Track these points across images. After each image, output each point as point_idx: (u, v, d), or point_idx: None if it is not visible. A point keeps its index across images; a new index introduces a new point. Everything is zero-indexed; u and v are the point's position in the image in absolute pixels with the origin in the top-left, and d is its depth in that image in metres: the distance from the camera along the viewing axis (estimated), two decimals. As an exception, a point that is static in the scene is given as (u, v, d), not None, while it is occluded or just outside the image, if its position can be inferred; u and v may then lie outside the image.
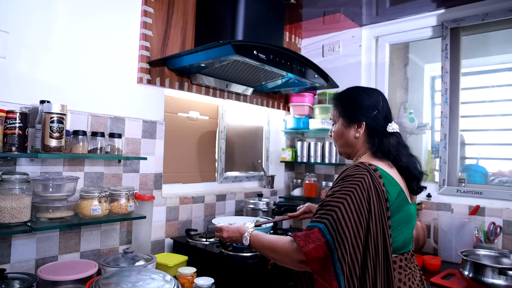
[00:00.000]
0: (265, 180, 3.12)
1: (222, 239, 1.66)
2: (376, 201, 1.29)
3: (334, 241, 1.22)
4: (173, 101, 2.52)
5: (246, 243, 1.51)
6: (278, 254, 1.38)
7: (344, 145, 1.57)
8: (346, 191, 1.29)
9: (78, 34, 1.88)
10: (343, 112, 1.55)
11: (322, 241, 1.22)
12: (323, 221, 1.25)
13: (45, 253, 1.76)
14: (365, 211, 1.26)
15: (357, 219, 1.25)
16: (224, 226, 1.66)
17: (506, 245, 2.36)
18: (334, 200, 1.29)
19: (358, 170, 1.35)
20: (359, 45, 3.07)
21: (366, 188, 1.29)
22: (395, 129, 1.49)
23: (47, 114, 1.58)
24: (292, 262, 1.33)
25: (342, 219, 1.24)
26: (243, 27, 2.23)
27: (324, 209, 1.29)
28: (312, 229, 1.26)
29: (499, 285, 1.81)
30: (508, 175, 2.66)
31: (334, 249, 1.21)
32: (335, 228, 1.23)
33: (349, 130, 1.53)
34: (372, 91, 1.55)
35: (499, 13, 2.49)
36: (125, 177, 2.08)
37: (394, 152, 1.45)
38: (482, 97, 2.78)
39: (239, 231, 1.58)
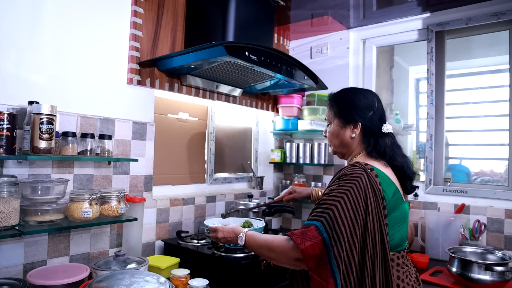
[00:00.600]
0: (254, 181, 3.12)
1: (217, 240, 1.66)
2: (373, 199, 1.31)
3: (331, 238, 1.23)
4: (163, 102, 2.50)
5: (242, 243, 1.52)
6: (274, 253, 1.38)
7: (340, 145, 1.58)
8: (343, 190, 1.31)
9: (66, 34, 1.85)
10: (339, 113, 1.57)
11: (318, 238, 1.24)
12: (319, 219, 1.27)
13: (34, 258, 1.73)
14: (362, 210, 1.28)
15: (354, 217, 1.27)
16: (218, 227, 1.67)
17: (490, 242, 2.42)
18: (331, 199, 1.31)
19: (355, 170, 1.37)
20: (346, 47, 3.10)
21: (363, 187, 1.31)
22: (389, 130, 1.52)
23: (36, 115, 1.56)
24: (289, 260, 1.34)
25: (338, 217, 1.26)
26: (233, 28, 2.24)
27: (321, 207, 1.31)
28: (308, 227, 1.28)
29: (485, 280, 1.86)
30: (489, 175, 2.72)
31: (330, 246, 1.23)
32: (332, 226, 1.24)
33: (345, 130, 1.54)
34: (368, 92, 1.57)
35: (482, 18, 2.55)
36: (115, 179, 2.05)
37: (390, 153, 1.48)
38: (465, 98, 2.84)
39: (234, 231, 1.58)
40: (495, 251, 2.08)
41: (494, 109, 2.69)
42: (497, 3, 2.49)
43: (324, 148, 3.01)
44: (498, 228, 2.40)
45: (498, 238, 2.39)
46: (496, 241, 2.40)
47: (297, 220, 3.25)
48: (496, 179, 2.66)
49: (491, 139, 2.71)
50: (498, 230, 2.39)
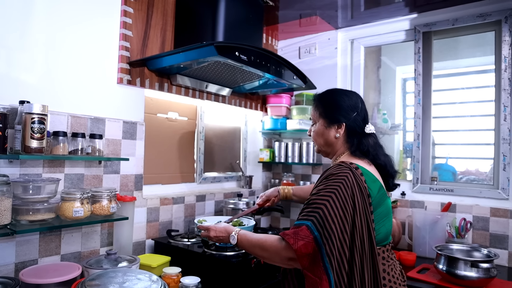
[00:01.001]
0: (243, 181, 3.14)
1: (209, 239, 1.67)
2: (359, 197, 1.35)
3: (322, 237, 1.26)
4: (152, 102, 2.51)
5: (234, 242, 1.53)
6: (267, 252, 1.41)
7: (324, 144, 1.62)
8: (331, 189, 1.35)
9: (57, 33, 1.85)
10: (324, 113, 1.60)
11: (310, 237, 1.27)
12: (310, 219, 1.30)
13: (25, 257, 1.72)
14: (350, 208, 1.32)
15: (343, 215, 1.30)
16: (211, 226, 1.68)
17: (475, 240, 2.47)
18: (320, 198, 1.34)
19: (341, 169, 1.41)
20: (335, 48, 3.14)
21: (349, 186, 1.35)
22: (372, 130, 1.57)
23: (27, 115, 1.55)
24: (282, 260, 1.36)
25: (328, 215, 1.29)
26: (223, 29, 2.25)
27: (310, 207, 1.34)
28: (300, 227, 1.30)
29: (471, 277, 1.91)
30: (475, 174, 2.78)
31: (322, 244, 1.26)
32: (322, 225, 1.27)
33: (329, 130, 1.58)
34: (352, 94, 1.62)
35: (468, 19, 2.61)
36: (105, 179, 2.05)
37: (373, 152, 1.53)
38: (451, 98, 2.89)
39: (226, 230, 1.60)
40: (481, 248, 2.13)
41: (480, 109, 2.75)
42: (483, 5, 2.55)
43: (312, 148, 3.04)
44: (483, 226, 2.45)
45: (483, 236, 2.45)
46: (482, 239, 2.45)
47: (285, 219, 3.28)
48: (482, 178, 2.72)
49: (477, 138, 2.77)
50: (484, 228, 2.45)
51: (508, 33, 2.47)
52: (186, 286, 1.64)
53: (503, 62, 2.49)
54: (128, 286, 1.38)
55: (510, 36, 2.47)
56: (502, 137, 2.47)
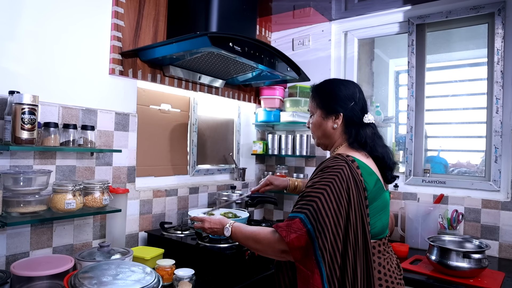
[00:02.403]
0: (237, 173, 3.13)
1: (203, 230, 1.67)
2: (355, 190, 1.34)
3: (315, 230, 1.26)
4: (145, 93, 2.48)
5: (228, 234, 1.53)
6: (260, 244, 1.41)
7: (322, 136, 1.61)
8: (325, 182, 1.33)
9: (47, 23, 1.81)
10: (321, 104, 1.58)
11: (303, 230, 1.26)
12: (303, 211, 1.29)
13: (16, 249, 1.70)
14: (344, 201, 1.31)
15: (337, 208, 1.29)
16: (205, 217, 1.68)
17: (467, 231, 2.50)
18: (314, 191, 1.33)
19: (337, 162, 1.39)
20: (328, 39, 3.12)
21: (345, 179, 1.34)
22: (371, 120, 1.55)
23: (18, 105, 1.53)
24: (275, 252, 1.36)
25: (322, 209, 1.28)
26: (216, 19, 2.23)
27: (304, 200, 1.33)
28: (293, 219, 1.30)
29: (463, 268, 1.92)
30: (466, 166, 2.80)
31: (315, 237, 1.25)
32: (316, 218, 1.27)
33: (327, 121, 1.56)
34: (349, 83, 1.60)
35: (462, 11, 2.61)
36: (98, 171, 2.03)
37: (371, 143, 1.51)
38: (444, 91, 2.90)
39: (221, 222, 1.59)
40: (472, 239, 2.15)
41: (472, 102, 2.76)
42: (476, -3, 2.55)
43: (306, 140, 3.04)
44: (475, 217, 2.47)
45: (475, 227, 2.47)
46: (473, 230, 2.48)
47: (279, 211, 3.28)
48: (473, 170, 2.74)
49: (469, 131, 2.78)
50: (475, 219, 2.47)
51: (501, 25, 2.48)
52: (180, 278, 1.64)
53: (496, 54, 2.50)
54: (122, 278, 1.37)
55: (503, 29, 2.47)
56: (494, 129, 2.48)
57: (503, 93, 2.46)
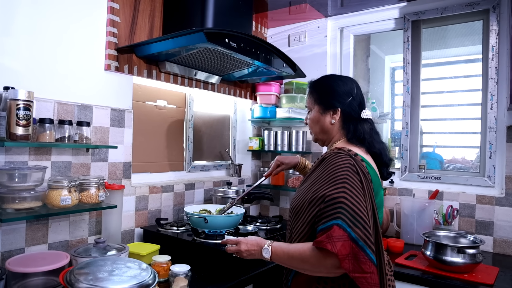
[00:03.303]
0: (233, 169, 3.13)
1: (238, 253, 1.54)
2: (365, 182, 1.33)
3: (354, 231, 1.21)
4: (141, 89, 2.47)
5: (267, 256, 1.43)
6: (308, 264, 1.31)
7: (320, 131, 1.60)
8: (341, 180, 1.31)
9: (42, 18, 1.80)
10: (319, 99, 1.58)
11: (345, 236, 1.20)
12: (336, 216, 1.23)
13: (11, 246, 1.70)
14: (362, 193, 1.30)
15: (361, 201, 1.27)
16: (241, 239, 1.55)
17: (462, 227, 2.51)
18: (335, 192, 1.28)
19: (341, 157, 1.38)
20: (324, 36, 3.12)
21: (356, 172, 1.33)
22: (368, 116, 1.55)
23: (12, 101, 1.52)
24: (327, 269, 1.27)
25: (352, 206, 1.24)
26: (212, 15, 2.22)
27: (329, 205, 1.27)
28: (330, 228, 1.23)
29: (458, 263, 1.93)
30: (461, 162, 2.81)
31: (358, 238, 1.21)
32: (350, 218, 1.22)
33: (325, 116, 1.56)
34: (347, 79, 1.61)
35: (457, 8, 2.61)
36: (93, 167, 2.03)
37: (369, 139, 1.51)
38: (439, 87, 2.91)
39: (258, 243, 1.48)
40: (467, 235, 2.16)
41: (467, 98, 2.77)
42: (471, -6, 2.56)
43: (302, 136, 3.04)
44: (469, 213, 2.49)
45: (469, 223, 2.49)
46: (468, 226, 2.49)
47: (275, 207, 3.29)
48: (468, 166, 2.75)
49: (464, 127, 2.79)
50: (470, 215, 2.49)
51: (495, 22, 2.49)
52: (176, 274, 1.64)
53: (491, 51, 2.50)
54: (118, 274, 1.37)
55: (497, 26, 2.48)
56: (489, 125, 2.49)
57: (497, 89, 2.47)
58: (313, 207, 1.32)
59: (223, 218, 2.05)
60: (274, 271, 2.06)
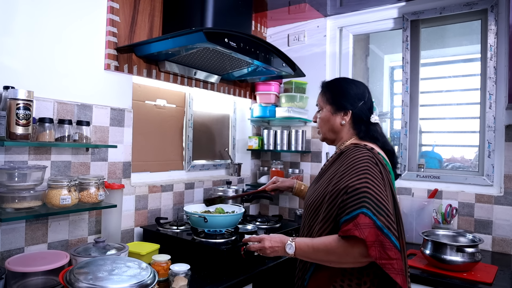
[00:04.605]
0: (232, 168, 3.13)
1: (262, 250, 1.51)
2: (384, 173, 1.38)
3: (379, 219, 1.24)
4: (140, 88, 2.48)
5: (291, 252, 1.42)
6: (335, 255, 1.32)
7: (329, 131, 1.63)
8: (362, 171, 1.35)
9: (42, 17, 1.80)
10: (331, 99, 1.61)
11: (371, 223, 1.24)
12: (361, 205, 1.27)
13: (11, 245, 1.70)
14: (382, 183, 1.34)
15: (382, 190, 1.31)
16: (264, 236, 1.54)
17: (461, 225, 2.52)
18: (358, 183, 1.32)
19: (359, 150, 1.44)
20: (323, 35, 3.13)
21: (375, 163, 1.38)
22: (377, 120, 1.60)
23: (12, 101, 1.52)
24: (355, 258, 1.29)
25: (375, 195, 1.28)
26: (212, 15, 2.22)
27: (353, 195, 1.30)
28: (357, 217, 1.25)
29: (457, 261, 1.94)
30: (460, 161, 2.82)
31: (382, 226, 1.24)
32: (374, 207, 1.26)
33: (335, 117, 1.59)
34: (359, 83, 1.65)
35: (455, 7, 2.62)
36: (93, 166, 2.03)
37: (382, 139, 1.55)
38: (438, 87, 2.92)
39: (281, 239, 1.47)
40: (466, 233, 2.17)
41: (465, 97, 2.78)
42: (469, -6, 2.56)
43: (301, 135, 3.04)
44: (468, 212, 2.50)
45: (468, 222, 2.50)
46: (467, 225, 2.50)
47: (274, 206, 3.29)
48: (467, 165, 2.76)
49: (462, 126, 2.80)
50: (469, 214, 2.49)
51: (494, 22, 2.49)
52: (176, 273, 1.64)
53: (489, 50, 2.51)
54: (117, 273, 1.37)
55: (495, 25, 2.49)
56: (487, 124, 2.50)
57: (496, 88, 2.48)
58: (335, 199, 1.36)
59: (222, 218, 2.06)
60: (274, 271, 2.07)
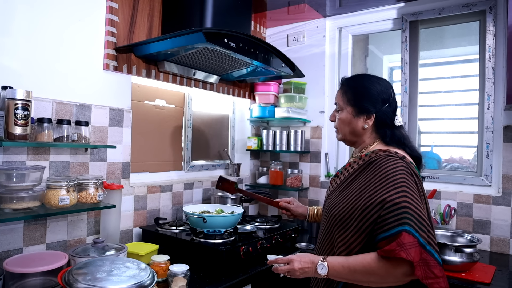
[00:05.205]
0: (231, 169, 3.13)
1: (292, 271, 1.37)
2: (419, 184, 1.31)
3: (421, 236, 1.18)
4: (139, 88, 2.47)
5: (324, 273, 1.30)
6: (375, 276, 1.24)
7: (350, 133, 1.51)
8: (400, 184, 1.26)
9: (41, 17, 1.80)
10: (353, 101, 1.48)
11: (415, 242, 1.17)
12: (403, 222, 1.19)
13: (9, 246, 1.70)
14: (418, 195, 1.26)
15: (420, 203, 1.24)
16: (293, 256, 1.39)
17: (459, 226, 2.52)
18: (396, 197, 1.23)
19: (393, 159, 1.33)
20: (323, 36, 3.13)
21: (410, 174, 1.29)
22: (401, 122, 1.48)
23: (11, 101, 1.52)
24: (397, 278, 1.22)
25: (415, 210, 1.21)
26: (211, 15, 2.22)
27: (392, 210, 1.22)
28: (399, 235, 1.18)
29: (455, 262, 1.95)
30: (458, 161, 2.82)
31: (425, 243, 1.18)
32: (416, 223, 1.19)
33: (357, 120, 1.47)
34: (384, 81, 1.51)
35: (454, 8, 2.62)
36: (92, 166, 2.03)
37: (409, 144, 1.45)
38: (437, 87, 2.92)
39: (312, 260, 1.35)
40: (464, 234, 2.18)
41: (464, 98, 2.78)
42: (468, -5, 2.57)
43: (300, 136, 3.04)
44: (467, 212, 2.50)
45: (467, 222, 2.50)
46: (465, 225, 2.50)
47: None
48: (465, 165, 2.76)
49: (461, 127, 2.80)
50: (467, 214, 2.50)
51: (492, 23, 2.49)
52: (175, 273, 1.64)
53: (487, 51, 2.51)
54: (116, 274, 1.37)
55: (494, 26, 2.49)
56: (486, 125, 2.50)
57: (494, 89, 2.48)
58: (370, 214, 1.26)
59: (222, 218, 2.06)
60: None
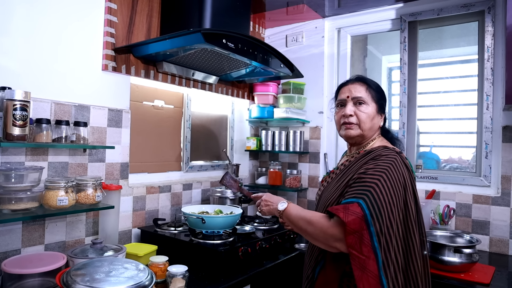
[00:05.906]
0: (230, 169, 3.12)
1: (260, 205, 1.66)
2: (408, 179, 1.38)
3: (372, 215, 1.25)
4: (138, 89, 2.47)
5: (282, 208, 1.53)
6: (312, 227, 1.38)
7: (369, 129, 1.55)
8: (381, 169, 1.35)
9: (39, 18, 1.80)
10: (376, 98, 1.57)
11: (360, 214, 1.25)
12: (361, 197, 1.29)
13: (7, 247, 1.69)
14: (400, 188, 1.34)
15: (394, 195, 1.31)
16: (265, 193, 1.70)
17: (458, 226, 2.52)
18: (370, 177, 1.34)
19: (389, 151, 1.44)
20: (322, 36, 3.13)
21: (399, 167, 1.37)
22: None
23: (9, 101, 1.52)
24: (326, 238, 1.33)
25: (380, 194, 1.29)
26: (210, 15, 2.22)
27: (360, 186, 1.33)
28: (351, 204, 1.28)
29: (455, 262, 1.95)
30: (458, 162, 2.82)
31: (371, 223, 1.24)
32: (373, 204, 1.26)
33: (378, 117, 1.58)
34: None
35: (453, 9, 2.63)
36: (90, 167, 2.03)
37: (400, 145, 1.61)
38: (436, 87, 2.92)
39: (278, 198, 1.60)
40: (464, 234, 2.18)
41: (463, 98, 2.78)
42: (467, -5, 2.57)
43: (299, 136, 3.04)
44: (466, 212, 2.50)
45: (466, 222, 2.50)
46: (464, 225, 2.50)
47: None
48: (464, 166, 2.76)
49: (460, 127, 2.80)
50: (466, 214, 2.50)
51: (491, 23, 2.50)
52: (174, 274, 1.64)
53: (486, 52, 2.52)
54: (115, 275, 1.37)
55: (492, 27, 2.49)
56: (485, 125, 2.50)
57: (493, 89, 2.49)
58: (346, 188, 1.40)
59: (220, 219, 2.05)
60: (272, 272, 2.06)
